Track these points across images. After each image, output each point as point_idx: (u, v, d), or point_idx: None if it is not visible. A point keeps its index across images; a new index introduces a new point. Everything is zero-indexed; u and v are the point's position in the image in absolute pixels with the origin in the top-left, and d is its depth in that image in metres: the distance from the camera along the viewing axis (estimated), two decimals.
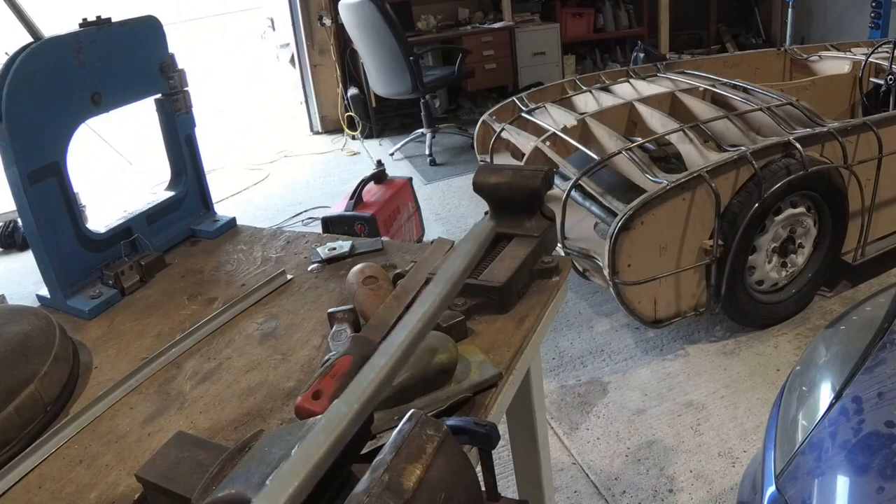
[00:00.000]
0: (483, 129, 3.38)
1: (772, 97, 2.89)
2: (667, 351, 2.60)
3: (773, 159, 2.42)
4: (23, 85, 1.10)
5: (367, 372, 0.56)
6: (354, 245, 1.32)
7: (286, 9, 5.56)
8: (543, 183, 1.16)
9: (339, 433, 0.51)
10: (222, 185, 4.77)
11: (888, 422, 1.12)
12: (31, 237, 1.18)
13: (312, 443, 0.50)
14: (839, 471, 1.12)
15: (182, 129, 1.44)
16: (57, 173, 1.18)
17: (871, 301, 1.49)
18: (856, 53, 3.75)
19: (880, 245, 2.86)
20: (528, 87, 4.52)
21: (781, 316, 2.69)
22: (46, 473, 0.86)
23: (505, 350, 0.96)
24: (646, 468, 2.07)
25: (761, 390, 2.33)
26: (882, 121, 2.65)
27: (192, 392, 0.98)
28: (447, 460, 0.57)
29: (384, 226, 2.88)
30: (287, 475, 0.49)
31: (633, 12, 6.42)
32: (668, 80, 3.40)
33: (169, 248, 1.42)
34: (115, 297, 1.24)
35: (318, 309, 1.13)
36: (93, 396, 0.98)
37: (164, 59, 1.37)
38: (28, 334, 0.98)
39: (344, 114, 5.66)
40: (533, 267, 1.11)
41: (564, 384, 2.48)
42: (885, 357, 1.26)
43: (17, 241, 4.17)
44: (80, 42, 1.19)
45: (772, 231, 2.52)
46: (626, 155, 2.50)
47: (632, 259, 2.29)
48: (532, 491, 1.36)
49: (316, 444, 0.50)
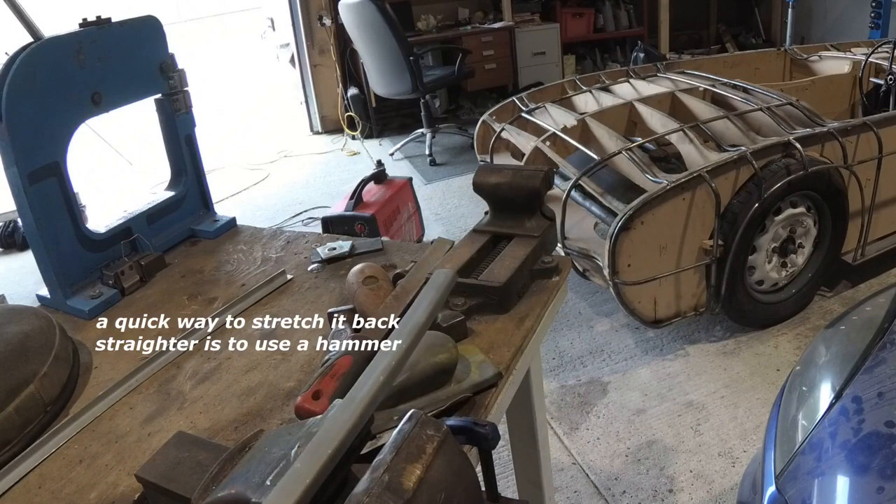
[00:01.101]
0: (483, 129, 3.38)
1: (772, 97, 2.89)
2: (667, 351, 2.60)
3: (773, 159, 2.42)
4: (23, 85, 1.10)
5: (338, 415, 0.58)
6: (354, 245, 1.32)
7: (286, 9, 5.56)
8: (543, 183, 1.16)
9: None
10: (222, 185, 4.77)
11: (888, 422, 1.12)
12: (31, 237, 1.18)
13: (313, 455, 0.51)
14: (839, 471, 1.12)
15: (182, 129, 1.44)
16: (57, 173, 1.18)
17: (871, 301, 1.49)
18: (856, 53, 3.75)
19: (880, 245, 2.86)
20: (528, 87, 4.52)
21: (781, 316, 2.69)
22: (46, 473, 0.86)
23: (505, 350, 0.96)
24: (646, 468, 2.07)
25: (761, 390, 2.33)
26: (882, 121, 2.65)
27: (192, 392, 0.98)
28: (447, 460, 0.57)
29: (384, 226, 2.88)
30: (292, 480, 0.50)
31: (633, 12, 6.42)
32: (668, 80, 3.40)
33: (169, 248, 1.42)
34: (115, 297, 1.24)
35: (318, 309, 1.13)
36: (93, 396, 0.98)
37: (164, 59, 1.37)
38: (28, 334, 0.98)
39: (344, 114, 5.66)
40: (533, 267, 1.11)
41: (564, 384, 2.48)
42: (885, 357, 1.26)
43: (17, 241, 4.17)
44: (80, 42, 1.19)
45: (772, 231, 2.52)
46: (626, 155, 2.50)
47: (632, 259, 2.29)
48: (532, 491, 1.36)
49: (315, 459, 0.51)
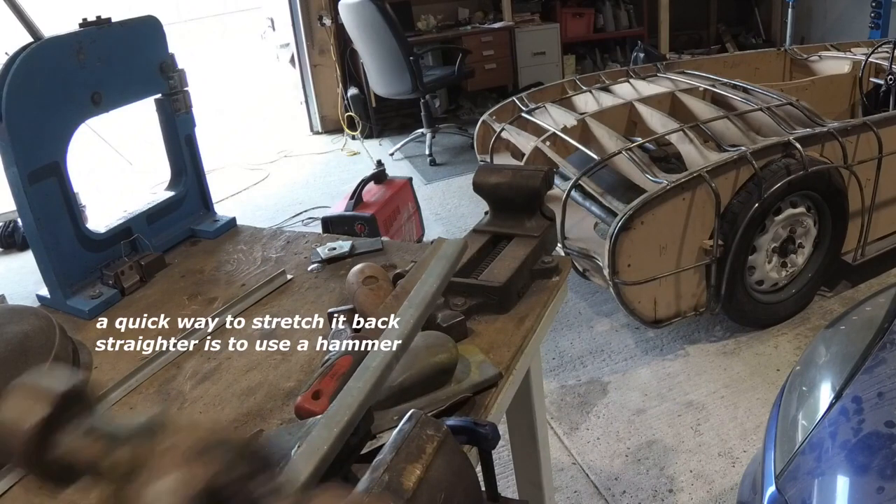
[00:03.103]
0: (483, 129, 3.38)
1: (772, 97, 2.89)
2: (667, 351, 2.60)
3: (773, 159, 2.42)
4: (23, 85, 1.10)
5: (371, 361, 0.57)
6: (354, 245, 1.32)
7: (286, 9, 5.56)
8: (543, 183, 1.16)
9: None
10: (222, 185, 4.77)
11: (888, 422, 1.12)
12: (31, 237, 1.18)
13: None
14: (839, 471, 1.12)
15: (182, 129, 1.44)
16: (57, 173, 1.18)
17: (871, 301, 1.49)
18: (856, 53, 3.75)
19: (880, 245, 2.86)
20: (528, 87, 4.52)
21: (781, 316, 2.69)
22: None
23: (505, 350, 0.96)
24: (646, 468, 2.07)
25: (761, 390, 2.33)
26: (882, 121, 2.65)
27: (192, 392, 0.98)
28: (447, 460, 0.57)
29: (384, 226, 2.88)
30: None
31: (633, 12, 6.41)
32: (668, 80, 3.40)
33: (169, 248, 1.42)
34: (115, 297, 1.24)
35: (318, 309, 1.13)
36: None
37: (164, 59, 1.37)
38: (28, 334, 0.98)
39: (344, 114, 5.65)
40: (533, 267, 1.11)
41: (564, 384, 2.48)
42: (885, 357, 1.26)
43: (17, 241, 4.17)
44: (80, 42, 1.19)
45: (772, 231, 2.52)
46: (626, 155, 2.50)
47: (632, 259, 2.29)
48: (532, 491, 1.36)
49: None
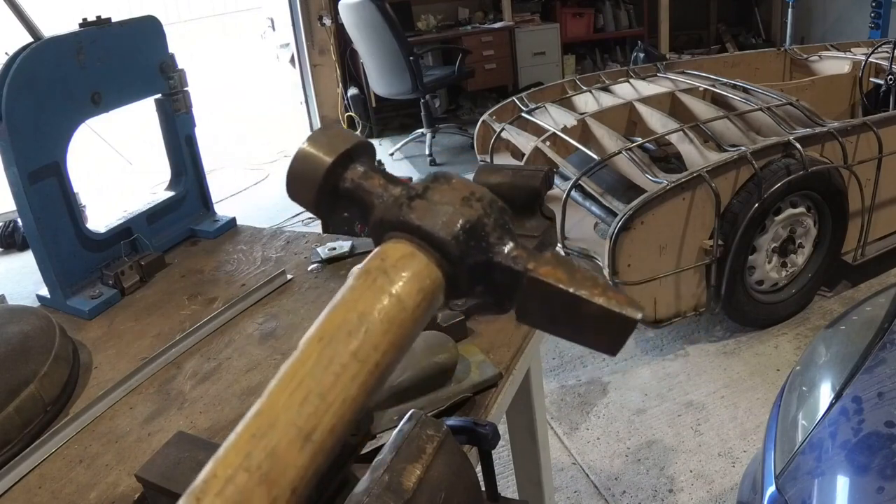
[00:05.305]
0: (483, 129, 3.38)
1: (772, 97, 2.89)
2: (667, 351, 2.60)
3: (773, 159, 2.42)
4: (23, 85, 1.10)
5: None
6: (354, 245, 1.32)
7: (286, 9, 5.56)
8: (543, 183, 1.16)
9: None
10: (222, 185, 4.77)
11: (888, 422, 1.12)
12: (31, 237, 1.18)
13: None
14: (839, 471, 1.11)
15: (182, 129, 1.44)
16: (57, 173, 1.18)
17: (871, 301, 1.49)
18: (856, 53, 3.75)
19: (880, 245, 2.86)
20: (528, 87, 4.52)
21: (781, 316, 2.69)
22: (46, 473, 0.86)
23: (505, 350, 0.96)
24: (646, 468, 2.07)
25: (761, 390, 2.33)
26: (882, 121, 2.65)
27: (192, 392, 0.98)
28: (447, 460, 0.57)
29: None
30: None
31: (633, 12, 6.41)
32: (668, 80, 3.40)
33: (169, 248, 1.42)
34: (115, 297, 1.24)
35: (318, 309, 1.12)
36: (93, 396, 0.98)
37: (164, 59, 1.37)
38: (28, 334, 0.98)
39: (344, 114, 5.66)
40: None
41: (564, 384, 2.48)
42: (885, 357, 1.26)
43: (17, 241, 4.17)
44: (80, 42, 1.19)
45: (772, 231, 2.52)
46: (626, 155, 2.50)
47: (632, 259, 2.29)
48: (532, 491, 1.36)
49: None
